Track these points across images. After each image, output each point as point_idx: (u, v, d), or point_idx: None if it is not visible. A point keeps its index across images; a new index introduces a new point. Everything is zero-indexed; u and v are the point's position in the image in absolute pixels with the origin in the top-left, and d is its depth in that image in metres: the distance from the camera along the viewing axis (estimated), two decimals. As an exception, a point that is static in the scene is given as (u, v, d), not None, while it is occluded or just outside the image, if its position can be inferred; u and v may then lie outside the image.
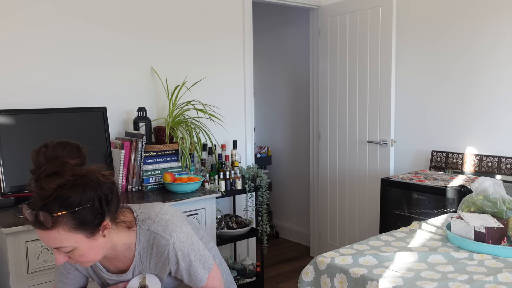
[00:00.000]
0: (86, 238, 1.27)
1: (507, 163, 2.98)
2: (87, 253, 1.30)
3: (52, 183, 1.21)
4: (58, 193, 1.21)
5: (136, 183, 2.71)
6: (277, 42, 4.71)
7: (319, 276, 1.84)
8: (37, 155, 1.25)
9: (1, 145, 2.21)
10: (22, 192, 2.26)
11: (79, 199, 1.23)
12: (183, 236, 1.42)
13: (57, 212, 1.21)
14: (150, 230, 1.41)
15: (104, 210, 1.28)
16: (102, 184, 1.27)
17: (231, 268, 3.27)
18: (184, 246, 1.41)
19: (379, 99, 3.53)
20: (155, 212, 1.45)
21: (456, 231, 1.98)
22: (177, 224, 1.44)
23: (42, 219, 1.21)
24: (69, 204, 1.22)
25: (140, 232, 1.41)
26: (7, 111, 2.30)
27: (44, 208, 1.21)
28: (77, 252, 1.28)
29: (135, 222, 1.42)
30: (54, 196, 1.21)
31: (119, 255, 1.44)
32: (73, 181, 1.23)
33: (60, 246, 1.26)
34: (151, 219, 1.42)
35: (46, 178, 1.21)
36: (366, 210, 3.69)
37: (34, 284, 2.07)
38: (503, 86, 3.04)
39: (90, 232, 1.27)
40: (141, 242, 1.42)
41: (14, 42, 2.52)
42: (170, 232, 1.40)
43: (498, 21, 3.02)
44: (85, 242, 1.28)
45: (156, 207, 1.48)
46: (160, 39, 3.05)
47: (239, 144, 3.47)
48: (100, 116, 2.64)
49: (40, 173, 1.22)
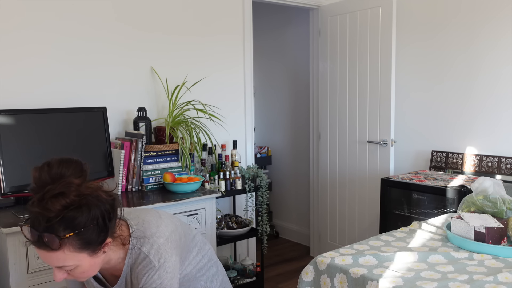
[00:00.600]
0: (89, 256, 1.27)
1: (507, 163, 2.98)
2: (88, 270, 1.30)
3: (58, 204, 1.19)
4: (64, 214, 1.19)
5: (136, 183, 2.71)
6: (277, 42, 4.71)
7: (319, 276, 1.84)
8: (40, 173, 1.24)
9: (1, 145, 2.21)
10: (22, 192, 2.26)
11: (85, 220, 1.22)
12: (170, 266, 1.40)
13: (64, 234, 1.20)
14: (142, 250, 1.39)
15: (107, 227, 1.28)
16: (105, 201, 1.27)
17: (231, 268, 3.27)
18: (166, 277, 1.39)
19: (379, 99, 3.53)
20: (151, 232, 1.42)
21: (456, 231, 1.98)
22: (168, 251, 1.41)
23: (47, 240, 1.19)
24: (76, 225, 1.21)
25: (132, 249, 1.40)
26: (7, 111, 2.30)
27: (50, 229, 1.19)
28: (79, 270, 1.28)
29: (129, 239, 1.40)
30: (60, 217, 1.19)
31: (111, 268, 1.44)
32: (78, 202, 1.21)
33: (63, 266, 1.26)
34: (145, 239, 1.40)
35: (51, 198, 1.19)
36: (366, 210, 3.69)
37: (34, 284, 2.07)
38: (503, 85, 3.04)
39: (93, 250, 1.27)
40: (131, 258, 1.41)
41: (14, 42, 2.52)
42: (159, 258, 1.38)
43: (497, 21, 3.02)
44: (87, 260, 1.28)
45: (153, 226, 1.44)
46: (160, 39, 3.05)
47: (239, 144, 3.47)
48: (100, 116, 2.64)
49: (44, 193, 1.20)
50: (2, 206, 2.29)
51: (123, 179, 2.66)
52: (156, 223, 1.45)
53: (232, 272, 3.22)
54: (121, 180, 2.64)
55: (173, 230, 1.48)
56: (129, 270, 1.42)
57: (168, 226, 1.47)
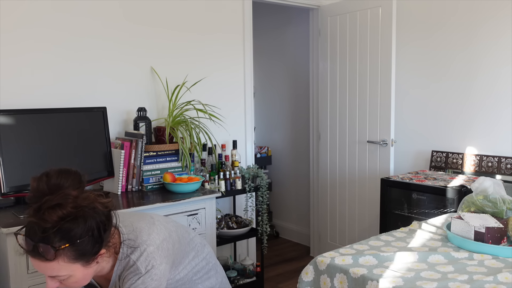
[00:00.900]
0: (82, 267, 1.29)
1: (507, 163, 2.98)
2: (80, 280, 1.31)
3: (55, 215, 1.20)
4: (61, 226, 1.20)
5: (136, 183, 2.71)
6: (277, 42, 4.71)
7: (319, 276, 1.84)
8: (38, 183, 1.25)
9: (1, 145, 2.21)
10: (22, 192, 2.26)
11: (81, 231, 1.23)
12: (157, 274, 1.40)
13: (59, 245, 1.21)
14: (131, 257, 1.39)
15: (102, 238, 1.29)
16: (101, 213, 1.28)
17: (231, 268, 3.27)
18: (149, 284, 1.38)
19: (379, 99, 3.53)
20: (142, 239, 1.42)
21: (456, 231, 1.98)
22: (157, 259, 1.41)
23: (42, 250, 1.20)
24: (71, 236, 1.22)
25: (121, 258, 1.41)
26: (7, 111, 2.30)
27: (45, 240, 1.20)
28: (72, 280, 1.29)
29: (120, 247, 1.41)
30: (57, 228, 1.20)
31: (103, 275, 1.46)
32: (75, 213, 1.22)
33: (56, 275, 1.27)
34: (135, 248, 1.40)
35: (48, 209, 1.21)
36: (366, 210, 3.69)
37: (34, 284, 2.07)
38: (503, 85, 3.03)
39: (86, 261, 1.29)
40: (120, 267, 1.42)
41: (14, 42, 2.52)
42: (146, 266, 1.38)
43: (497, 20, 3.02)
44: (81, 270, 1.29)
45: (144, 234, 1.43)
46: (160, 39, 3.05)
47: (239, 144, 3.47)
48: (100, 116, 2.64)
49: (42, 204, 1.21)
50: (2, 206, 2.29)
51: (123, 179, 2.66)
52: (148, 231, 1.45)
53: (232, 272, 3.22)
54: (121, 180, 2.64)
55: (165, 237, 1.48)
56: (117, 279, 1.43)
57: (160, 233, 1.47)
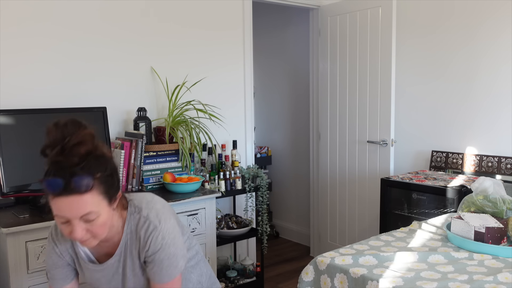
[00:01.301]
0: (108, 206, 1.32)
1: (507, 163, 2.98)
2: (105, 223, 1.33)
3: (82, 149, 1.25)
4: (88, 159, 1.26)
5: (136, 183, 2.71)
6: (277, 42, 4.71)
7: (319, 276, 1.84)
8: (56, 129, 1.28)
9: (1, 145, 2.21)
10: (22, 192, 2.26)
11: (106, 164, 1.30)
12: (170, 227, 1.45)
13: (96, 173, 1.26)
14: (141, 214, 1.44)
15: (118, 179, 1.37)
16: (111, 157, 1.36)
17: (231, 268, 3.27)
18: (169, 236, 1.44)
19: (379, 99, 3.53)
20: (147, 200, 1.50)
21: (456, 231, 1.98)
22: (166, 214, 1.48)
23: (75, 184, 1.22)
24: (100, 167, 1.28)
25: (131, 215, 1.45)
26: (7, 111, 2.30)
27: (79, 172, 1.23)
28: (99, 221, 1.30)
29: (127, 205, 1.46)
30: (86, 161, 1.25)
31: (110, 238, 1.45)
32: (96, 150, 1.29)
33: (88, 212, 1.27)
34: (143, 205, 1.46)
35: (73, 147, 1.25)
36: (366, 210, 3.69)
37: (34, 284, 2.07)
38: (502, 84, 3.04)
39: (110, 199, 1.33)
40: (130, 225, 1.44)
41: (14, 42, 2.52)
42: (159, 219, 1.43)
43: (496, 19, 3.02)
44: (107, 210, 1.32)
45: (148, 196, 1.53)
46: (160, 39, 3.05)
47: (239, 144, 3.47)
48: (100, 116, 2.64)
49: (64, 145, 1.25)
50: (2, 206, 2.29)
51: (123, 179, 2.66)
52: (151, 195, 1.55)
53: (232, 272, 3.22)
54: (121, 180, 2.64)
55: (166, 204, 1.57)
56: (128, 238, 1.45)
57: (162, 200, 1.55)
